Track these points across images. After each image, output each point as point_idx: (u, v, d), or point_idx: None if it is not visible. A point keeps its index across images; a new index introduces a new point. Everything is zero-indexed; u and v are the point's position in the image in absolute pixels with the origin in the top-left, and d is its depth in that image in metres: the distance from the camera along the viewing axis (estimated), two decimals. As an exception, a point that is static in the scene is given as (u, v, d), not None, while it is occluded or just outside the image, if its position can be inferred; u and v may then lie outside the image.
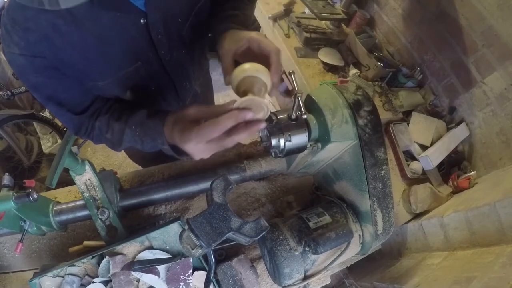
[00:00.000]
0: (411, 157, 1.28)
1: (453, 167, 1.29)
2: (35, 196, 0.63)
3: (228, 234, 0.57)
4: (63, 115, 0.67)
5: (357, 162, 0.70)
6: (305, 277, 0.74)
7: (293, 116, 0.64)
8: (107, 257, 0.73)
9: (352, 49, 1.55)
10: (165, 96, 0.82)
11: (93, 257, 0.74)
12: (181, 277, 0.73)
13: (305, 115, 0.62)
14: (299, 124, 0.65)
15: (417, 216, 1.14)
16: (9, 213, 0.67)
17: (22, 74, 0.60)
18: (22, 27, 0.53)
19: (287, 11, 1.67)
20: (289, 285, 0.73)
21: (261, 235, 0.58)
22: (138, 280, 0.73)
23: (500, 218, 0.83)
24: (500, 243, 0.83)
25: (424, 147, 1.28)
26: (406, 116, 1.39)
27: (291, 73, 0.65)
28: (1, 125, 1.77)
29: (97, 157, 2.33)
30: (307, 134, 0.66)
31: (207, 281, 0.66)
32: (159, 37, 0.66)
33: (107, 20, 0.57)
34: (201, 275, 0.75)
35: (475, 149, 1.27)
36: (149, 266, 0.72)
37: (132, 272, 0.71)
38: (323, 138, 0.67)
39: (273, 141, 0.65)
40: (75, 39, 0.57)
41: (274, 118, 0.66)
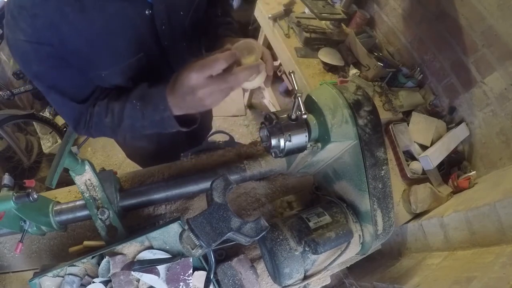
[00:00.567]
0: (411, 157, 1.28)
1: (453, 167, 1.29)
2: (35, 196, 0.63)
3: (228, 234, 0.57)
4: (65, 104, 0.68)
5: (357, 162, 0.70)
6: (305, 277, 0.74)
7: (293, 116, 0.64)
8: (107, 257, 0.72)
9: (352, 49, 1.55)
10: None
11: (93, 257, 0.74)
12: (181, 277, 0.73)
13: (305, 115, 0.62)
14: (299, 124, 0.65)
15: (417, 216, 1.14)
16: (9, 213, 0.67)
17: (25, 62, 0.60)
18: (30, 13, 0.53)
19: (287, 11, 1.67)
20: (289, 285, 0.73)
21: (261, 235, 0.58)
22: (138, 280, 0.73)
23: (500, 218, 0.83)
24: (500, 243, 0.83)
25: (424, 147, 1.28)
26: (406, 116, 1.39)
27: (291, 73, 0.65)
28: (1, 125, 1.77)
29: (97, 157, 2.33)
30: (307, 134, 0.66)
31: (207, 281, 0.66)
32: (163, 28, 0.68)
33: (113, 9, 0.59)
34: (201, 275, 0.75)
35: (475, 149, 1.27)
36: (149, 266, 0.72)
37: (132, 272, 0.71)
38: (323, 138, 0.67)
39: (273, 141, 0.65)
40: (81, 27, 0.57)
41: (274, 118, 0.66)
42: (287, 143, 0.64)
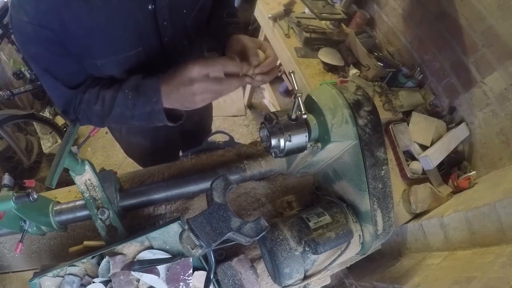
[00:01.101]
0: (411, 157, 1.28)
1: (453, 167, 1.29)
2: (35, 196, 0.63)
3: (228, 234, 0.57)
4: (56, 88, 0.69)
5: (357, 162, 0.70)
6: (305, 277, 0.74)
7: (293, 116, 0.64)
8: (107, 257, 0.72)
9: (352, 49, 1.55)
10: None
11: (93, 257, 0.74)
12: (181, 277, 0.73)
13: (305, 115, 0.63)
14: (299, 124, 0.65)
15: (417, 216, 1.14)
16: (9, 213, 0.67)
17: (24, 43, 0.61)
18: None
19: (287, 11, 1.67)
20: (289, 285, 0.73)
21: (261, 235, 0.58)
22: (138, 280, 0.73)
23: (500, 218, 0.83)
24: (500, 243, 0.83)
25: (424, 147, 1.28)
26: (406, 116, 1.39)
27: (291, 73, 0.65)
28: (1, 125, 1.77)
29: (97, 157, 2.33)
30: (307, 134, 0.66)
31: (207, 281, 0.66)
32: (165, 24, 0.69)
33: (117, 1, 0.60)
34: (201, 275, 0.75)
35: (475, 149, 1.27)
36: (149, 266, 0.72)
37: (132, 272, 0.71)
38: (323, 138, 0.67)
39: (273, 141, 0.65)
40: (83, 15, 0.59)
41: (274, 118, 0.66)
42: (287, 143, 0.64)
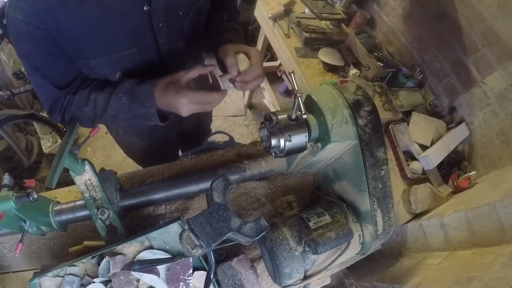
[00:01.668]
0: (411, 157, 1.28)
1: (453, 167, 1.29)
2: (35, 196, 0.63)
3: (228, 234, 0.57)
4: (45, 87, 0.70)
5: (357, 162, 0.70)
6: (305, 277, 0.74)
7: (293, 116, 0.64)
8: (107, 257, 0.72)
9: (352, 49, 1.55)
10: None
11: (93, 257, 0.74)
12: (181, 277, 0.73)
13: (305, 115, 0.63)
14: (299, 124, 0.65)
15: (417, 216, 1.14)
16: (9, 213, 0.67)
17: (17, 40, 0.62)
18: None
19: (287, 11, 1.67)
20: (289, 285, 0.73)
21: (261, 235, 0.58)
22: (138, 280, 0.73)
23: (500, 218, 0.83)
24: (500, 243, 0.83)
25: (424, 147, 1.28)
26: (406, 116, 1.39)
27: (291, 73, 0.65)
28: (1, 125, 1.77)
29: (97, 157, 2.33)
30: (307, 134, 0.66)
31: (207, 281, 0.66)
32: (160, 25, 0.69)
33: (113, 2, 0.60)
34: (201, 275, 0.75)
35: (475, 149, 1.27)
36: (149, 266, 0.72)
37: (132, 272, 0.71)
38: (323, 138, 0.67)
39: (273, 141, 0.65)
40: (78, 15, 0.59)
41: (274, 118, 0.66)
42: (287, 143, 0.64)
